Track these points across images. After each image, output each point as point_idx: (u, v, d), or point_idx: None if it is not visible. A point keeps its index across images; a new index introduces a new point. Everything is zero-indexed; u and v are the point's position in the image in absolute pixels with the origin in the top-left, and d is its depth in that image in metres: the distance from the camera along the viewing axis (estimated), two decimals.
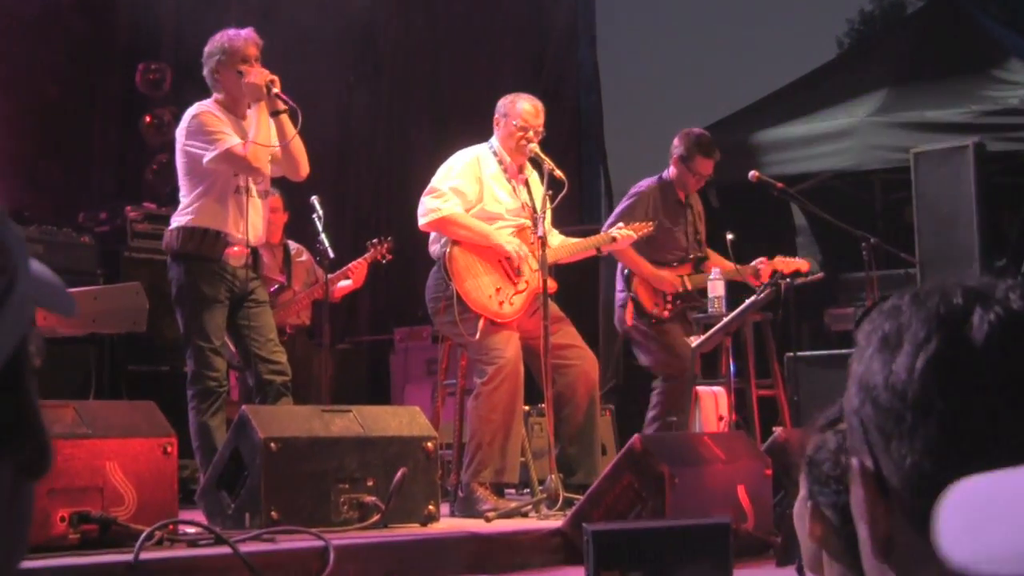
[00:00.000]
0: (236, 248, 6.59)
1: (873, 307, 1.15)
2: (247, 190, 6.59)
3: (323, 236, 8.03)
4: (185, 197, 6.60)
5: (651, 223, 7.55)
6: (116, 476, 5.09)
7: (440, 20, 13.08)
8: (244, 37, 6.66)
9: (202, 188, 6.53)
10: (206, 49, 6.69)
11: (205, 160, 6.46)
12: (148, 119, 10.50)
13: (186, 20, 11.56)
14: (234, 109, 6.64)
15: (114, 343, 8.32)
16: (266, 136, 6.50)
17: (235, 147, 6.45)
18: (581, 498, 5.97)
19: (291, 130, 6.51)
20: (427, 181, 6.96)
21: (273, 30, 11.57)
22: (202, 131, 6.49)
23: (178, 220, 6.58)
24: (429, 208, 6.83)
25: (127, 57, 10.90)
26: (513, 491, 7.41)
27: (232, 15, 11.71)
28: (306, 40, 11.75)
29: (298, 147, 6.59)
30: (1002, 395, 1.04)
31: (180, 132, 6.60)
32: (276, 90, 6.51)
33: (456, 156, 7.01)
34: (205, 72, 6.67)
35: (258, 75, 6.51)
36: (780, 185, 8.07)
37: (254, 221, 6.63)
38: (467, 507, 6.61)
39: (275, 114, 6.52)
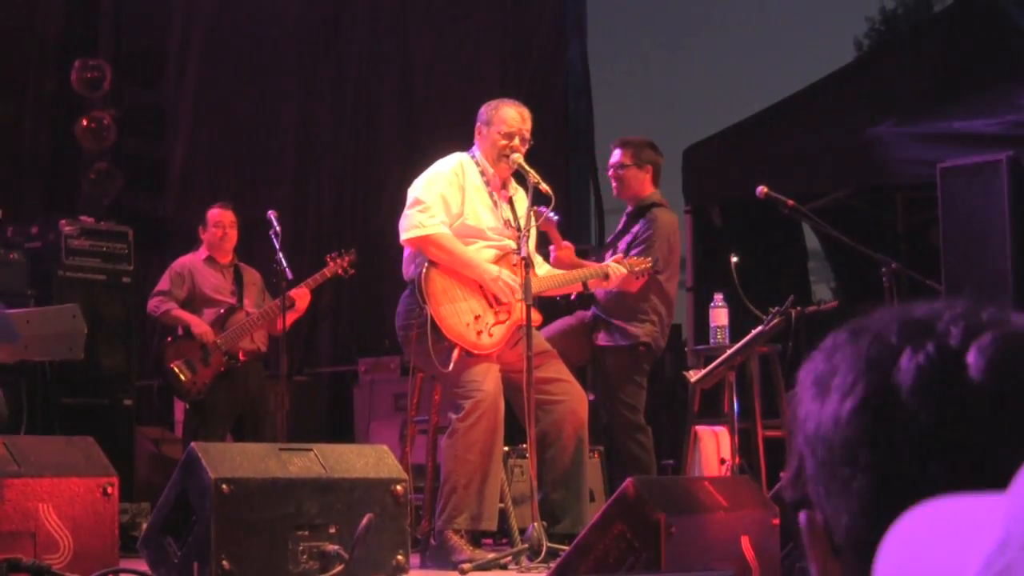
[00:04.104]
0: None
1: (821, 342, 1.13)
2: None
3: (280, 255, 8.13)
4: None
5: (648, 260, 7.54)
6: (50, 520, 5.15)
7: (410, 11, 13.16)
8: None
9: None
10: None
11: None
12: (85, 122, 10.58)
13: (128, 9, 11.64)
14: None
15: (48, 372, 8.37)
16: None
17: None
18: (567, 549, 6.02)
19: None
20: (397, 193, 6.99)
21: (227, 26, 11.70)
22: None
23: None
24: (413, 223, 6.82)
25: (61, 52, 10.97)
26: (491, 540, 7.47)
27: (177, 5, 11.80)
28: (262, 34, 11.83)
29: None
30: (932, 446, 1.02)
31: None
32: None
33: (438, 163, 7.00)
34: None
35: None
36: (791, 202, 8.14)
37: None
38: (440, 557, 6.67)
39: None
